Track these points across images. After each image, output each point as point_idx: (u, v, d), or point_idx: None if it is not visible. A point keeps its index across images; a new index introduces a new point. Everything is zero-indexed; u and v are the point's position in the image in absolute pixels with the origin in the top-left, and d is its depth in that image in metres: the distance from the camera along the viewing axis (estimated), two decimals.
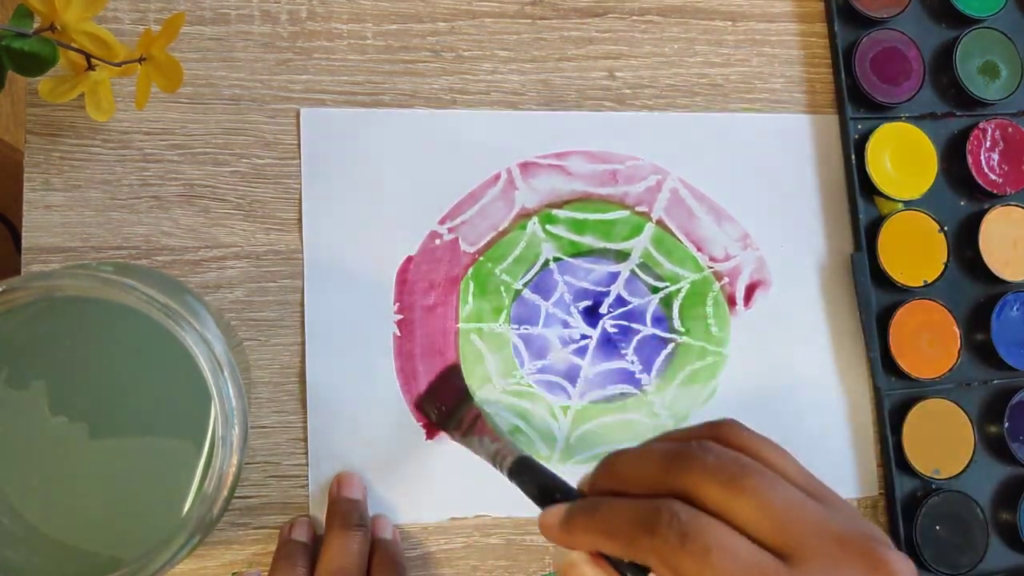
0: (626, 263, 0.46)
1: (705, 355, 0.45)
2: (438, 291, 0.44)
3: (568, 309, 0.45)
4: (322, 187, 0.43)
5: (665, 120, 0.47)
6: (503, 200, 0.45)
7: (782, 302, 0.46)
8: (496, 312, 0.44)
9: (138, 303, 0.31)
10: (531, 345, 0.44)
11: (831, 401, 0.46)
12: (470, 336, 0.44)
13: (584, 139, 0.46)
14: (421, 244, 0.44)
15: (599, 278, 0.45)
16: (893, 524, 0.45)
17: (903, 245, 0.46)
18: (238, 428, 0.31)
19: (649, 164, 0.46)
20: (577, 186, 0.46)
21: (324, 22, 0.45)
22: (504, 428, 0.43)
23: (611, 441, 0.44)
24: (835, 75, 0.48)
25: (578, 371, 0.45)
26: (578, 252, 0.45)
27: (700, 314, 0.46)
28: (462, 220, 0.44)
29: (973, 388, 0.47)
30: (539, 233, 0.45)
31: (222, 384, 0.31)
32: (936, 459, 0.46)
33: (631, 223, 0.46)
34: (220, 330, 0.32)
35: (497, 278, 0.44)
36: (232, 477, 0.31)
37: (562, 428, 0.44)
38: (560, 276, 0.45)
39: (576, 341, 0.45)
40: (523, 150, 0.45)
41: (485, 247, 0.44)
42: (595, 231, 0.45)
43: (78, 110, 0.42)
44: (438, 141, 0.45)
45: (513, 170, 0.45)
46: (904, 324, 0.46)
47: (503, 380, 0.44)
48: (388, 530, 0.41)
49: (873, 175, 0.47)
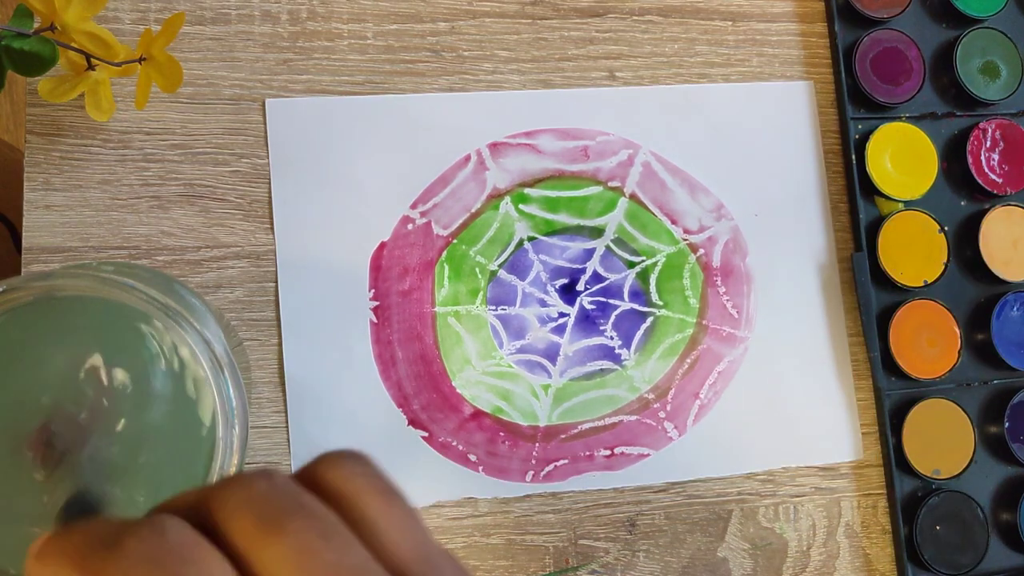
0: (601, 239, 0.45)
1: (684, 327, 0.46)
2: (413, 276, 0.44)
3: (545, 288, 0.45)
4: (291, 178, 0.43)
5: (636, 94, 0.47)
6: (474, 181, 0.45)
7: (766, 267, 0.46)
8: (472, 294, 0.44)
9: (138, 303, 0.31)
10: (509, 326, 0.44)
11: (820, 362, 0.46)
12: (447, 319, 0.44)
13: (555, 117, 0.46)
14: (394, 229, 0.44)
15: (574, 255, 0.45)
16: (893, 524, 0.45)
17: (903, 245, 0.46)
18: (238, 428, 0.31)
19: (620, 139, 0.46)
20: (548, 164, 0.45)
21: (324, 22, 0.45)
22: (487, 409, 0.43)
23: (593, 417, 0.44)
24: (835, 75, 0.48)
25: (557, 349, 0.45)
26: (552, 230, 0.45)
27: (677, 287, 0.46)
28: (434, 203, 0.44)
29: (973, 388, 0.47)
30: (512, 213, 0.45)
31: (222, 384, 0.31)
32: (936, 459, 0.46)
33: (604, 199, 0.46)
34: (220, 330, 0.32)
35: (472, 260, 0.44)
36: None
37: (544, 407, 0.44)
38: (535, 255, 0.45)
39: (554, 319, 0.45)
40: (492, 131, 0.45)
41: (458, 230, 0.44)
42: (568, 208, 0.45)
43: (78, 110, 0.42)
44: (406, 126, 0.44)
45: (483, 151, 0.45)
46: (904, 324, 0.46)
47: (483, 362, 0.44)
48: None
49: (873, 175, 0.47)
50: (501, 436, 0.43)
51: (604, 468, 0.44)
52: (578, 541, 0.43)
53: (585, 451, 0.44)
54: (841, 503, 0.46)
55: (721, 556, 0.45)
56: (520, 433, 0.44)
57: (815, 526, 0.45)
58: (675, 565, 0.44)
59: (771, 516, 0.45)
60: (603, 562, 0.44)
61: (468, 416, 0.43)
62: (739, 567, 0.45)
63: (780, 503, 0.45)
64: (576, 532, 0.44)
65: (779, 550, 0.45)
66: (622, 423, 0.44)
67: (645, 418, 0.45)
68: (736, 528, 0.45)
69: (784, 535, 0.45)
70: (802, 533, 0.45)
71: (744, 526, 0.45)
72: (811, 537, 0.45)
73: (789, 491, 0.45)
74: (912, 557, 0.45)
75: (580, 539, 0.44)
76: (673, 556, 0.44)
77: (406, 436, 0.43)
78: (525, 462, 0.43)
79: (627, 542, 0.44)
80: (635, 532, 0.44)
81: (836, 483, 0.46)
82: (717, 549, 0.45)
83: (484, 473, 0.43)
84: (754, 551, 0.45)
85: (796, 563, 0.45)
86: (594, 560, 0.44)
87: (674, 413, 0.45)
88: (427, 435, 0.43)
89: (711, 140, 0.47)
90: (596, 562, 0.44)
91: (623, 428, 0.44)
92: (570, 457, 0.44)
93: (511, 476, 0.43)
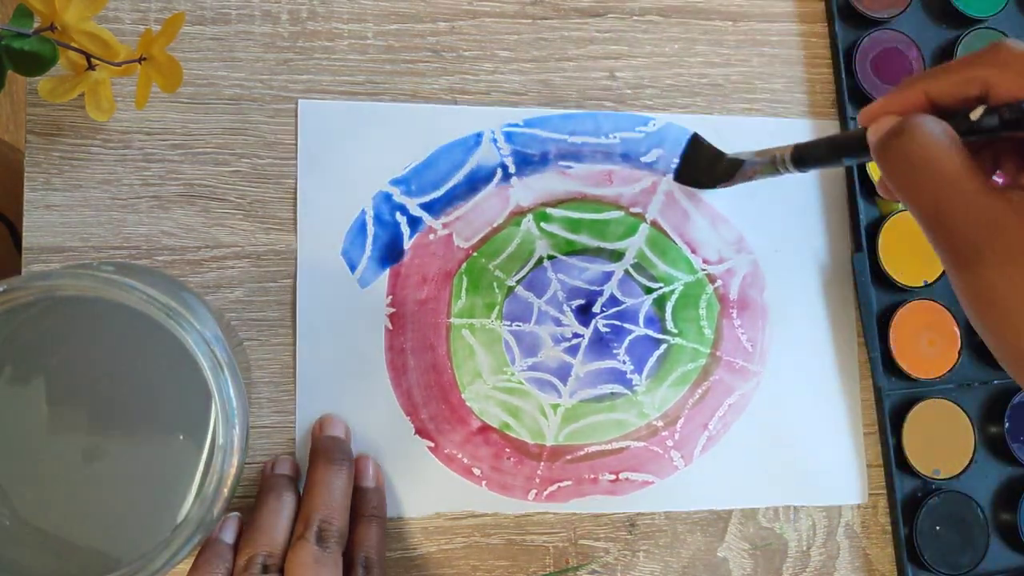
0: (620, 263, 0.45)
1: (697, 357, 0.45)
2: (431, 285, 0.44)
3: (561, 307, 0.45)
4: (317, 181, 0.43)
5: (664, 120, 0.47)
6: (498, 197, 0.45)
7: (782, 303, 0.46)
8: (488, 308, 0.44)
9: (138, 303, 0.31)
10: (522, 342, 0.44)
11: (830, 401, 0.46)
12: (462, 331, 0.44)
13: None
14: (415, 238, 0.44)
15: (593, 277, 0.45)
16: (893, 524, 0.45)
17: (903, 245, 0.46)
18: (238, 428, 0.31)
19: (644, 166, 0.46)
20: (572, 186, 0.45)
21: (325, 22, 0.45)
22: (494, 424, 0.43)
23: (600, 440, 0.44)
24: (836, 76, 0.48)
25: (569, 369, 0.44)
26: (572, 250, 0.45)
27: (693, 316, 0.46)
28: (456, 216, 0.44)
29: (973, 388, 0.47)
30: (533, 230, 0.45)
31: (222, 384, 0.31)
32: (936, 459, 0.46)
33: (626, 223, 0.46)
34: (220, 330, 0.32)
35: (490, 274, 0.44)
36: (232, 478, 0.31)
37: (552, 426, 0.44)
38: (554, 274, 0.45)
39: (568, 339, 0.45)
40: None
41: (479, 243, 0.44)
42: (590, 230, 0.45)
43: (78, 110, 0.42)
44: (432, 135, 0.44)
45: (507, 164, 0.45)
46: (905, 324, 0.46)
47: (494, 376, 0.44)
48: (369, 476, 0.41)
49: (873, 175, 0.47)
50: (507, 452, 0.43)
51: (607, 492, 0.44)
52: (578, 541, 0.43)
53: (590, 474, 0.44)
54: (841, 503, 0.46)
55: (721, 556, 0.45)
56: (526, 451, 0.43)
57: (815, 526, 0.45)
58: (675, 565, 0.44)
59: (771, 516, 0.45)
60: (603, 562, 0.44)
61: (475, 430, 0.43)
62: (739, 567, 0.45)
63: (780, 503, 0.45)
64: (576, 532, 0.44)
65: (779, 550, 0.45)
66: (629, 449, 0.44)
67: (652, 445, 0.44)
68: (736, 528, 0.45)
69: (784, 535, 0.45)
70: (802, 533, 0.45)
71: (744, 526, 0.45)
72: (811, 537, 0.45)
73: None
74: (912, 557, 0.45)
75: (580, 539, 0.44)
76: (673, 556, 0.44)
77: (412, 445, 0.43)
78: (529, 480, 0.43)
79: (627, 542, 0.44)
80: (635, 532, 0.44)
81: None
82: (717, 549, 0.45)
83: (487, 488, 0.43)
84: (754, 551, 0.45)
85: (796, 563, 0.45)
86: (594, 560, 0.43)
87: (682, 442, 0.45)
88: (433, 445, 0.43)
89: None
90: (596, 562, 0.44)
91: (629, 454, 0.44)
92: (574, 479, 0.44)
93: (514, 493, 0.43)
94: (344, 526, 0.38)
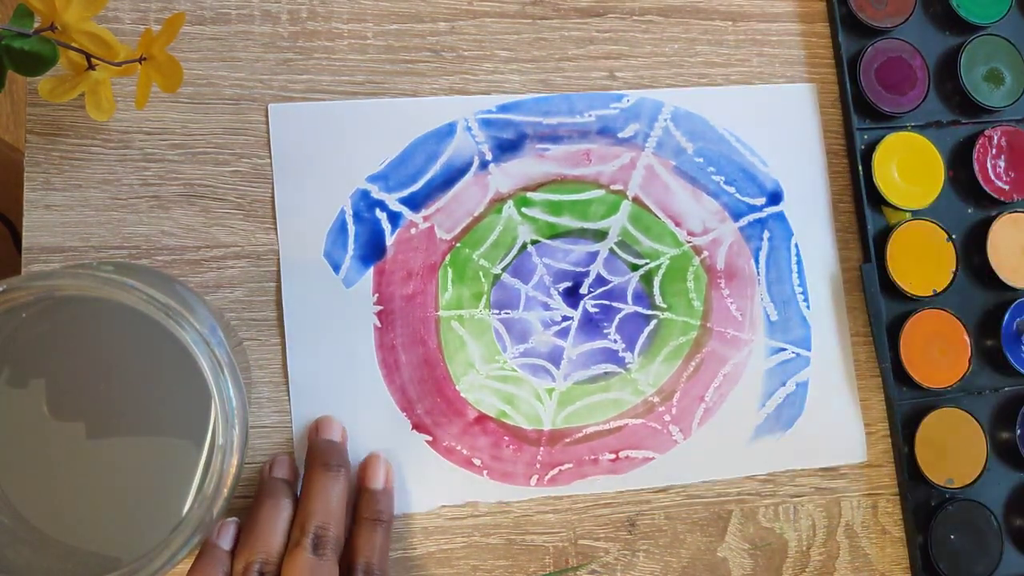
0: (604, 242, 0.45)
1: (688, 330, 0.45)
2: (416, 280, 0.44)
3: (548, 291, 0.45)
4: (294, 182, 0.43)
5: (639, 96, 0.46)
6: (477, 186, 0.45)
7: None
8: (476, 298, 0.44)
9: (138, 303, 0.31)
10: (512, 329, 0.44)
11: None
12: (451, 323, 0.44)
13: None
14: (397, 234, 0.44)
15: (578, 258, 0.45)
16: (908, 534, 0.45)
17: (912, 255, 0.46)
18: (238, 428, 0.31)
19: (622, 142, 0.46)
20: (550, 168, 0.45)
21: (325, 22, 0.45)
22: (491, 413, 0.43)
23: (597, 421, 0.44)
24: (840, 86, 0.48)
25: (561, 352, 0.45)
26: (555, 233, 0.45)
27: (681, 289, 0.46)
28: (436, 208, 0.44)
29: (984, 396, 0.47)
30: (515, 216, 0.45)
31: (222, 384, 0.31)
32: (949, 469, 0.45)
33: (607, 202, 0.46)
34: (220, 330, 0.32)
35: (475, 264, 0.44)
36: (232, 477, 0.31)
37: (548, 410, 0.44)
38: (538, 258, 0.45)
39: (558, 323, 0.45)
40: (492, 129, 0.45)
41: (461, 233, 0.44)
42: (572, 211, 0.45)
43: (78, 110, 0.42)
44: (406, 128, 0.44)
45: (484, 151, 0.45)
46: (915, 334, 0.46)
47: (487, 366, 0.44)
48: (379, 479, 0.41)
49: (880, 185, 0.47)
50: (505, 440, 0.43)
51: (609, 472, 0.44)
52: (578, 541, 0.43)
53: (590, 455, 0.44)
54: (841, 503, 0.46)
55: (721, 556, 0.45)
56: (524, 437, 0.44)
57: (815, 526, 0.45)
58: (675, 565, 0.44)
59: (771, 516, 0.45)
60: (603, 562, 0.44)
61: (472, 420, 0.43)
62: (739, 567, 0.45)
63: (780, 503, 0.45)
64: (576, 532, 0.44)
65: (779, 550, 0.45)
66: (627, 427, 0.44)
67: (650, 421, 0.45)
68: (736, 528, 0.45)
69: (784, 535, 0.45)
70: (802, 533, 0.45)
71: (744, 526, 0.45)
72: (811, 537, 0.45)
73: (789, 491, 0.45)
74: (927, 566, 0.45)
75: (580, 539, 0.44)
76: (673, 556, 0.44)
77: (410, 441, 0.43)
78: (530, 466, 0.43)
79: (627, 542, 0.44)
80: (635, 532, 0.44)
81: (836, 483, 0.46)
82: (717, 549, 0.45)
83: (488, 477, 0.43)
84: (754, 551, 0.45)
85: (796, 563, 0.45)
86: (594, 560, 0.44)
87: (680, 416, 0.45)
88: (431, 439, 0.43)
89: (715, 142, 0.47)
90: (596, 562, 0.44)
91: (628, 432, 0.44)
92: (575, 461, 0.44)
93: (516, 480, 0.43)
94: (341, 533, 0.38)
